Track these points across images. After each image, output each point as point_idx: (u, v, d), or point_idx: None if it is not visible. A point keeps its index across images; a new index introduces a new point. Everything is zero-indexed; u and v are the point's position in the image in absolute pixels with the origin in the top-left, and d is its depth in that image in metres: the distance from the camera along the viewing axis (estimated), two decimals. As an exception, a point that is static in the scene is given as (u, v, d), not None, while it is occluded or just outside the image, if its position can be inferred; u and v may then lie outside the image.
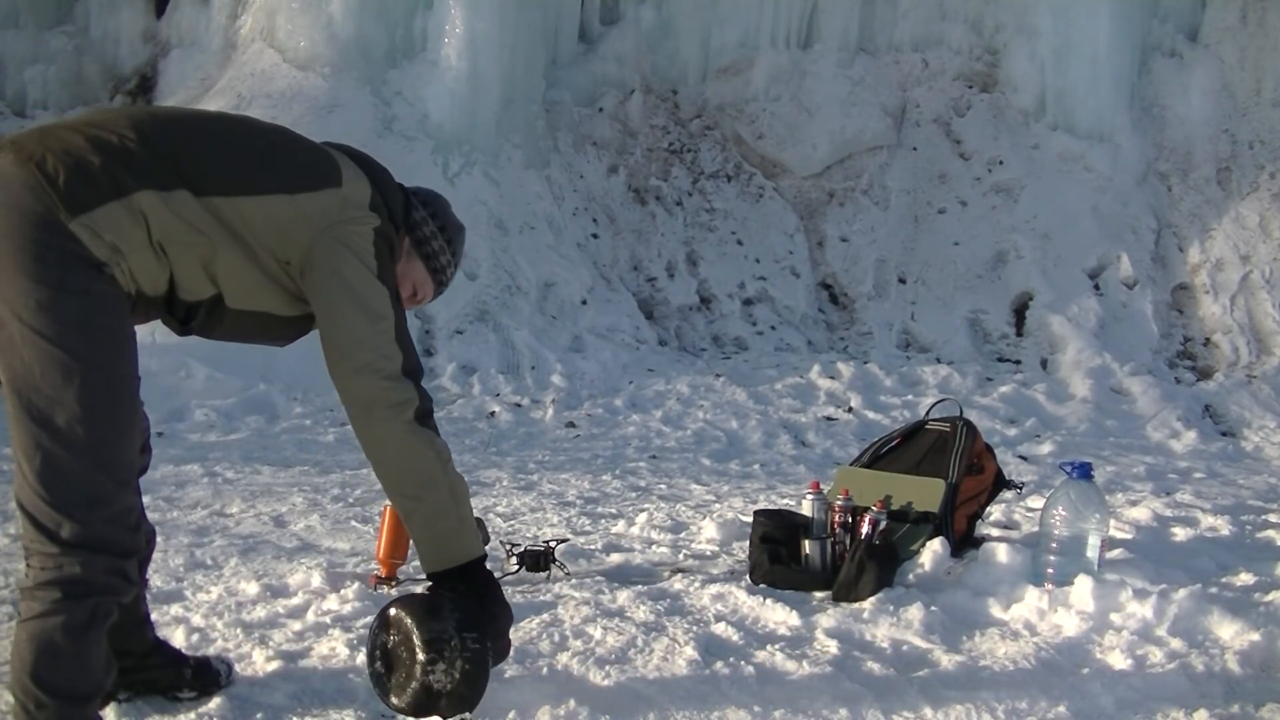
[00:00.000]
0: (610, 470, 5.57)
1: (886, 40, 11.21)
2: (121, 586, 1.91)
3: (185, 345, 7.14)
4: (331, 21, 9.45)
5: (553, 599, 3.01)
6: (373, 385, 2.06)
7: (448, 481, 2.12)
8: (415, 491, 2.12)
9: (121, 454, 1.92)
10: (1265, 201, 9.79)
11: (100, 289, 1.87)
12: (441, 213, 2.40)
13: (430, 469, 2.10)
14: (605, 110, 10.70)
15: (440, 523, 2.14)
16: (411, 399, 2.07)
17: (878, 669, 2.52)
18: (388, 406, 2.06)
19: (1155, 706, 2.34)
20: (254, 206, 1.99)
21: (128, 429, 1.94)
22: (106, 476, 1.88)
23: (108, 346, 1.89)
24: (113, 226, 1.86)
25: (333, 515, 4.27)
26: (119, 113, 2.01)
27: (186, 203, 1.93)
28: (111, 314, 1.90)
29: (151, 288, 1.98)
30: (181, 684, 2.28)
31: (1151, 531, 3.91)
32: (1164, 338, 9.01)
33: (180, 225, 1.93)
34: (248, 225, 1.99)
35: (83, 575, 1.83)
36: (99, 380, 1.86)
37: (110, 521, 1.87)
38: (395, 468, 2.11)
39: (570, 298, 8.85)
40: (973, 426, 3.57)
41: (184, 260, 1.97)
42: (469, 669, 2.09)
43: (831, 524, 3.26)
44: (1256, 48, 10.45)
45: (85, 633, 1.84)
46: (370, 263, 2.07)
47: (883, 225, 10.20)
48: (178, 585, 3.16)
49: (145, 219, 1.90)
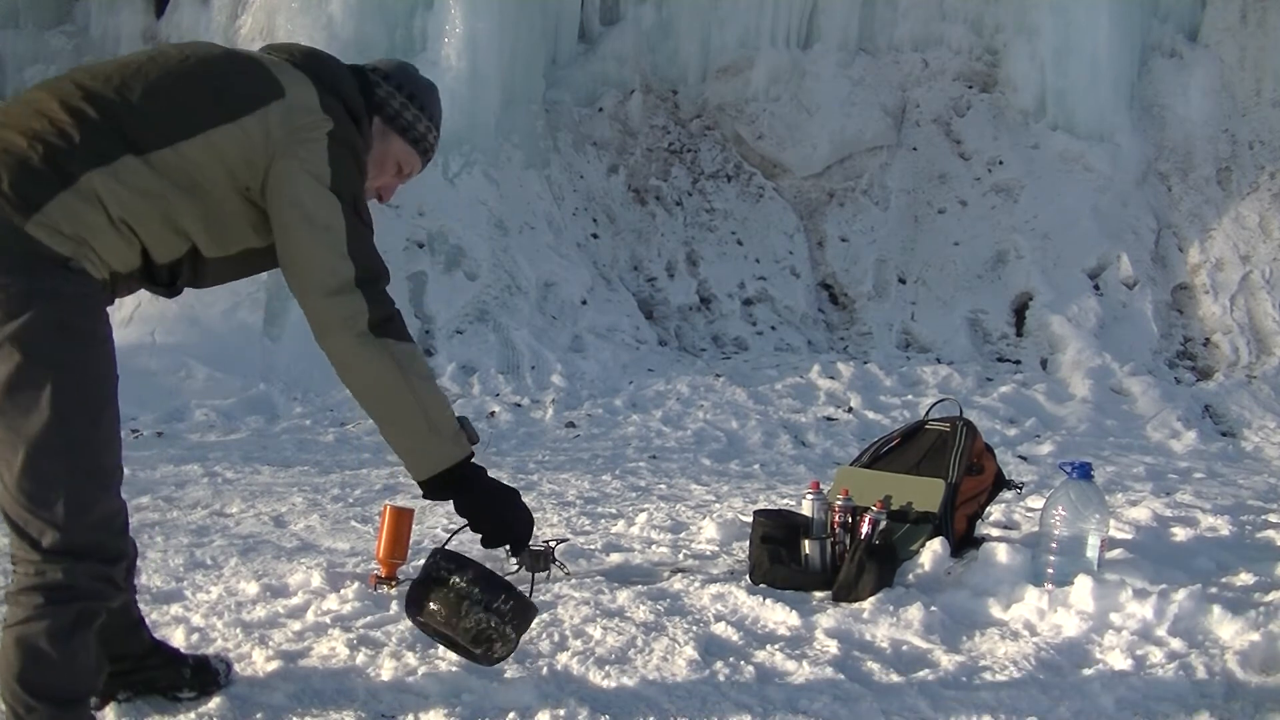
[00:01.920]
0: (610, 470, 5.57)
1: (886, 40, 11.21)
2: (107, 591, 1.89)
3: (185, 345, 7.20)
4: (331, 21, 9.45)
5: (553, 599, 3.01)
6: (320, 304, 1.96)
7: (410, 390, 1.99)
8: (380, 406, 2.02)
9: (103, 458, 1.89)
10: (1265, 201, 9.79)
11: (70, 289, 1.83)
12: (408, 80, 2.25)
13: (388, 379, 1.98)
14: (605, 110, 10.70)
15: (411, 434, 2.03)
16: (361, 310, 1.95)
17: (878, 669, 2.52)
18: (338, 322, 1.96)
19: (1155, 706, 2.34)
20: (200, 147, 1.91)
21: (108, 432, 1.90)
22: (88, 481, 1.85)
23: (82, 349, 1.85)
24: (69, 218, 1.82)
25: (333, 515, 4.27)
26: (43, 92, 1.93)
27: (134, 169, 1.87)
28: (84, 314, 1.86)
29: (125, 265, 1.93)
30: (181, 683, 2.28)
31: (1151, 531, 3.90)
32: (1164, 338, 9.01)
33: (135, 195, 1.87)
34: (200, 169, 1.92)
35: (65, 581, 1.82)
36: (74, 383, 1.82)
37: (94, 527, 1.85)
38: (356, 383, 2.01)
39: (570, 298, 8.85)
40: (972, 426, 3.57)
41: (149, 228, 1.91)
42: (517, 622, 2.09)
43: (831, 524, 3.26)
44: (1256, 48, 10.46)
45: (70, 637, 1.83)
46: (323, 172, 1.96)
47: (883, 225, 10.20)
48: (178, 585, 3.15)
49: (100, 200, 1.84)
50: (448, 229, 8.81)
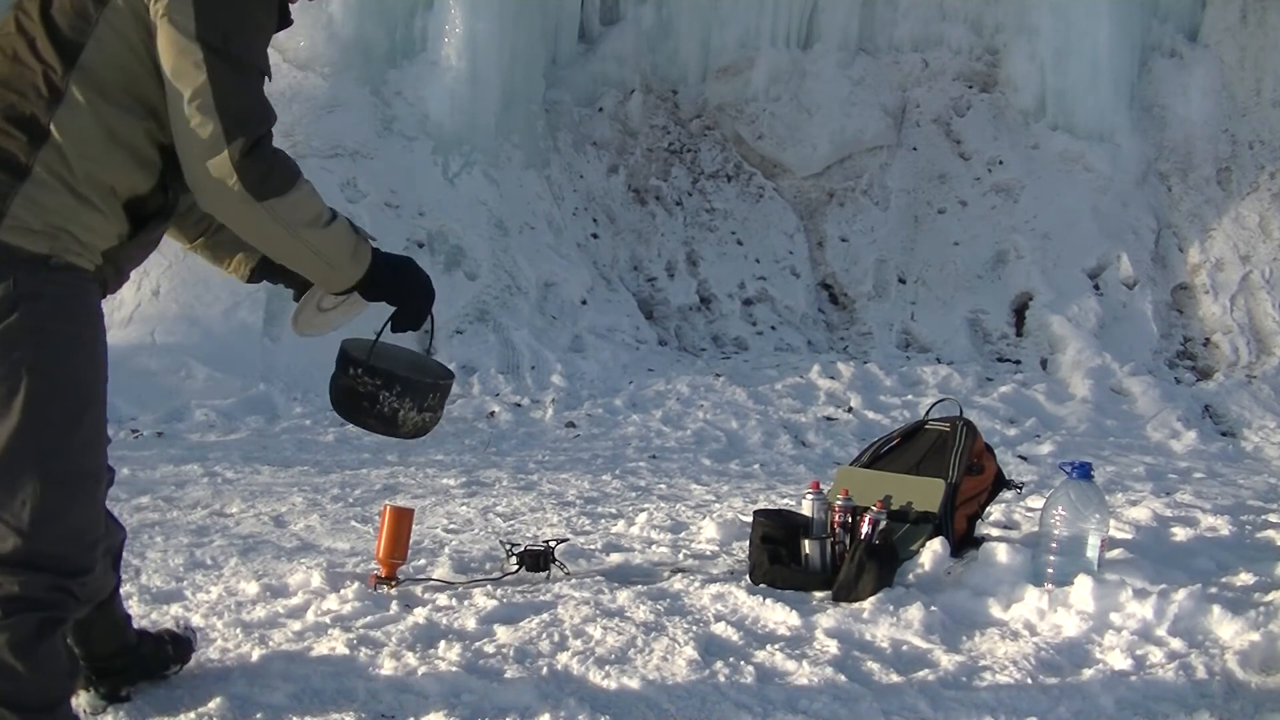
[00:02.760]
0: (610, 470, 5.57)
1: (886, 40, 11.20)
2: (65, 603, 1.83)
3: (185, 345, 7.20)
4: (331, 21, 9.44)
5: (553, 599, 3.01)
6: (196, 171, 1.80)
7: (300, 241, 1.88)
8: (273, 254, 1.96)
9: (81, 464, 1.84)
10: (1265, 201, 9.79)
11: (52, 290, 1.77)
12: None
13: (275, 237, 1.88)
14: (605, 110, 10.70)
15: (309, 273, 1.99)
16: (228, 172, 1.78)
17: (878, 669, 2.52)
18: (212, 187, 1.80)
19: (1155, 706, 2.34)
20: (95, 52, 1.79)
21: (88, 437, 1.84)
22: (59, 489, 1.79)
23: (60, 353, 1.79)
24: (36, 212, 1.76)
25: (332, 515, 4.27)
26: None
27: (67, 123, 1.77)
28: (65, 318, 1.80)
29: (113, 237, 1.86)
30: (168, 659, 2.32)
31: (1151, 531, 3.91)
32: (1164, 338, 9.01)
33: (85, 157, 1.79)
34: (117, 74, 1.80)
35: (21, 594, 1.77)
36: (49, 389, 1.77)
37: (61, 537, 1.81)
38: (246, 237, 1.94)
39: (570, 298, 8.85)
40: (973, 426, 3.57)
41: (117, 180, 1.82)
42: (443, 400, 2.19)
43: (831, 524, 3.26)
44: (1256, 48, 10.45)
45: (34, 648, 1.79)
46: (186, 17, 1.77)
47: (883, 225, 10.20)
48: (178, 585, 3.15)
49: (60, 178, 1.78)
50: (448, 229, 8.81)
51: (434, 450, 6.02)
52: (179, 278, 7.51)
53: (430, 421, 2.17)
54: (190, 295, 7.47)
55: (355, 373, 2.11)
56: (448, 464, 5.63)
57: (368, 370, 2.11)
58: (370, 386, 2.10)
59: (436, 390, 2.17)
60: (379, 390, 2.10)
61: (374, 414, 2.12)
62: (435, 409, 2.16)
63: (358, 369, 2.11)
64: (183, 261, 7.51)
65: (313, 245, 1.91)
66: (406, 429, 2.15)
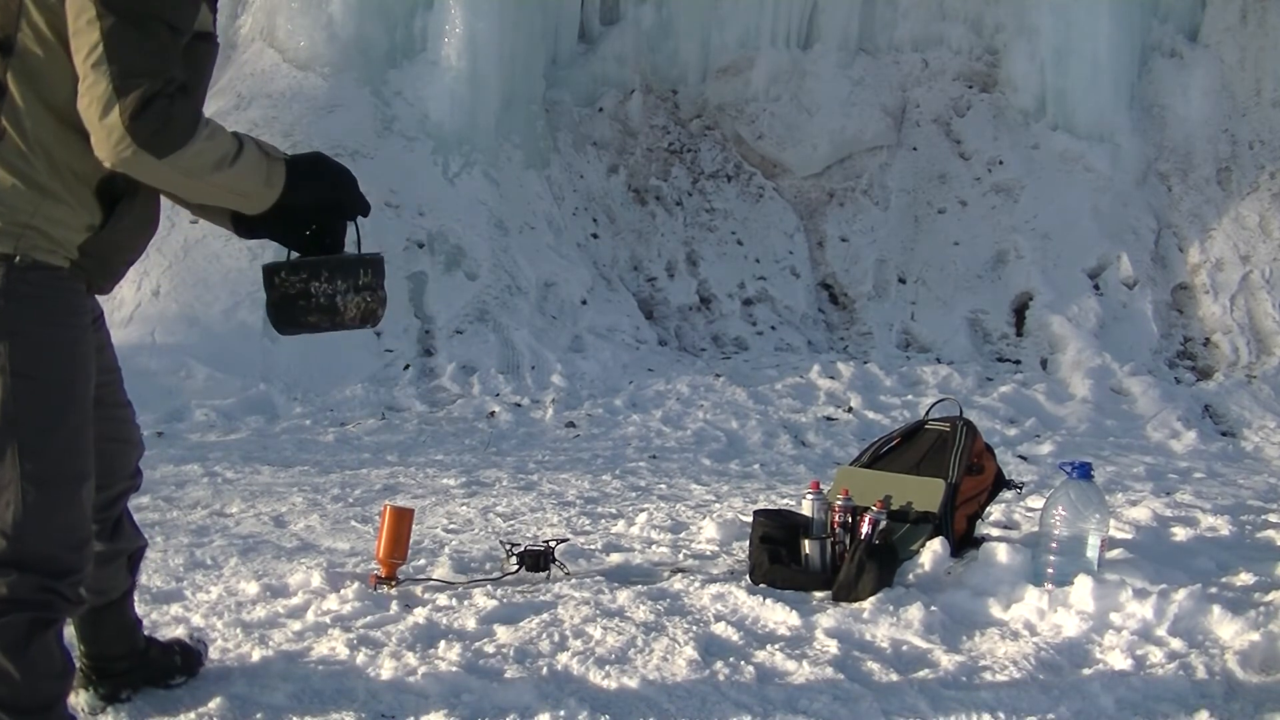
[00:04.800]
0: (610, 470, 5.57)
1: (886, 40, 11.20)
2: (55, 604, 1.83)
3: (185, 345, 7.20)
4: (331, 21, 9.44)
5: (553, 599, 3.01)
6: (95, 132, 1.74)
7: (210, 185, 1.84)
8: (187, 200, 1.96)
9: (64, 465, 1.83)
10: (1265, 201, 9.78)
11: (23, 290, 1.76)
12: None
13: (184, 186, 1.85)
14: (605, 110, 10.70)
15: (229, 205, 1.95)
16: (120, 134, 1.72)
17: (878, 669, 2.52)
18: (109, 147, 1.73)
19: (1155, 706, 2.34)
20: (28, 39, 1.77)
21: (71, 438, 1.83)
22: (42, 489, 1.79)
23: (36, 354, 1.78)
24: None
25: (333, 515, 4.27)
26: None
27: (14, 116, 1.76)
28: (40, 319, 1.79)
29: (85, 228, 1.82)
30: (174, 670, 2.31)
31: (1151, 531, 3.91)
32: (1164, 338, 9.01)
33: (40, 146, 1.77)
34: (46, 63, 1.77)
35: (9, 595, 1.78)
36: (25, 390, 1.76)
37: (47, 537, 1.81)
38: (171, 191, 1.89)
39: (570, 298, 8.84)
40: (973, 426, 3.57)
41: (78, 163, 1.79)
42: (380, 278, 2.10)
43: (831, 524, 3.26)
44: (1256, 48, 10.45)
45: (26, 648, 1.79)
46: None
47: (883, 225, 10.20)
48: (178, 585, 3.15)
49: (19, 174, 1.76)
50: (448, 229, 8.81)
51: (434, 450, 6.02)
52: (179, 278, 7.51)
53: (374, 303, 2.07)
54: (190, 295, 7.47)
55: (280, 278, 2.05)
56: (448, 464, 5.63)
57: (290, 269, 2.05)
58: (299, 284, 2.03)
59: (364, 264, 2.06)
60: (308, 283, 2.03)
61: (313, 309, 2.04)
62: (373, 288, 2.07)
63: (280, 273, 2.05)
64: (183, 261, 7.51)
65: (225, 185, 1.86)
66: (351, 313, 2.05)
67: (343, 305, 2.04)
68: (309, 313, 2.05)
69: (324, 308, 2.04)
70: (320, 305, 2.04)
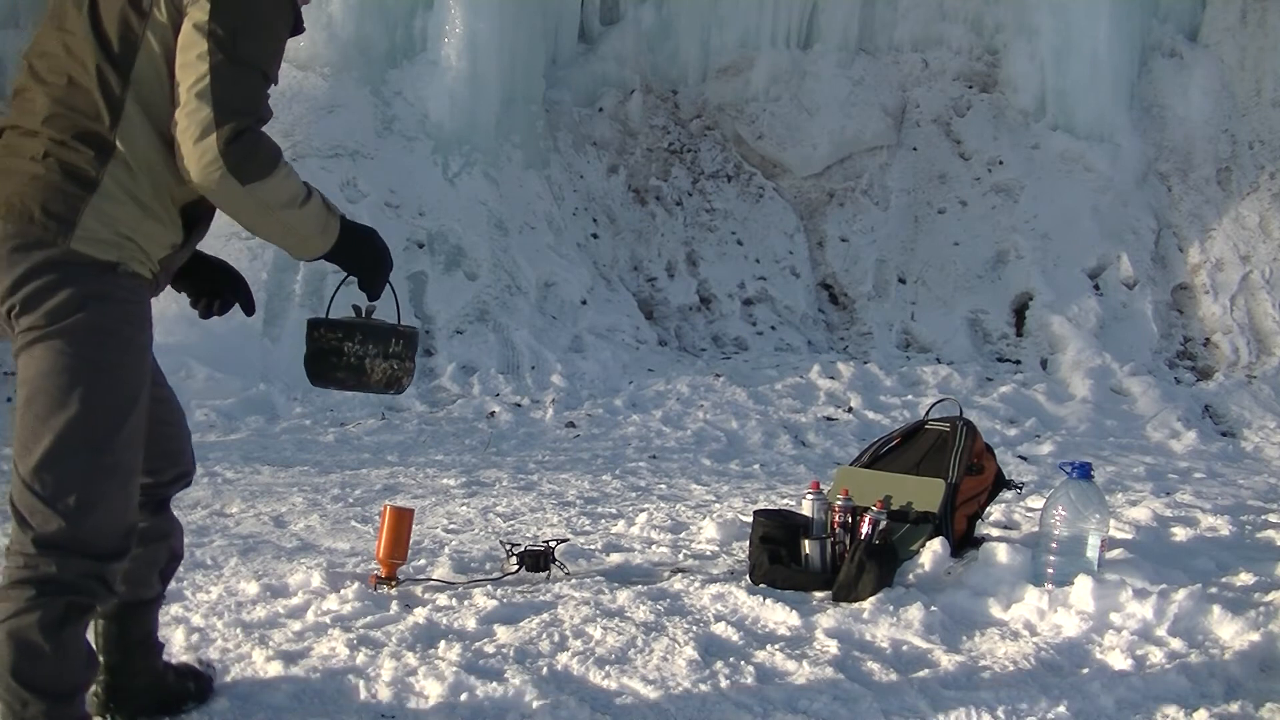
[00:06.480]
0: (610, 470, 5.57)
1: (886, 40, 11.20)
2: (96, 590, 1.91)
3: (185, 345, 7.20)
4: (331, 21, 9.44)
5: (553, 599, 3.01)
6: (187, 153, 1.91)
7: (278, 222, 2.01)
8: (251, 229, 2.05)
9: (123, 457, 1.93)
10: (1265, 201, 9.79)
11: (120, 294, 1.91)
12: None
13: (255, 216, 1.99)
14: (605, 110, 10.70)
15: (284, 245, 2.09)
16: (214, 156, 1.89)
17: (878, 669, 2.52)
18: (198, 168, 1.91)
19: (1155, 706, 2.34)
20: (145, 66, 1.93)
21: (131, 434, 1.94)
22: (104, 478, 1.89)
23: (121, 353, 1.92)
24: (106, 222, 1.88)
25: (333, 515, 4.28)
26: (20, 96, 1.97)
27: (129, 137, 1.91)
28: (128, 321, 1.93)
29: (169, 244, 1.99)
30: (187, 695, 2.30)
31: (1151, 531, 3.91)
32: (1164, 338, 9.01)
33: (148, 167, 1.92)
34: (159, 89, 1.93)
35: (56, 574, 1.85)
36: (107, 385, 1.89)
37: (100, 523, 1.89)
38: (227, 212, 2.01)
39: (570, 298, 8.84)
40: (973, 426, 3.58)
41: (175, 186, 1.95)
42: (412, 351, 2.25)
43: (831, 524, 3.26)
44: (1256, 48, 10.45)
45: (60, 630, 1.85)
46: (201, 13, 1.91)
47: (883, 225, 10.20)
48: (178, 585, 3.15)
49: (126, 191, 1.91)
50: (448, 229, 8.81)
51: (434, 450, 6.02)
52: (179, 278, 7.51)
53: (400, 371, 2.22)
54: (190, 295, 7.46)
55: (318, 333, 2.21)
56: (448, 464, 5.63)
57: (328, 326, 2.21)
58: (334, 341, 2.19)
59: (398, 335, 2.21)
60: (342, 342, 2.19)
61: (342, 366, 2.20)
62: (402, 358, 2.22)
63: (319, 329, 2.21)
64: (183, 261, 7.50)
65: (288, 223, 2.02)
66: (377, 376, 2.20)
67: (370, 368, 2.20)
68: (338, 369, 2.21)
69: (352, 367, 2.20)
70: (349, 364, 2.20)
